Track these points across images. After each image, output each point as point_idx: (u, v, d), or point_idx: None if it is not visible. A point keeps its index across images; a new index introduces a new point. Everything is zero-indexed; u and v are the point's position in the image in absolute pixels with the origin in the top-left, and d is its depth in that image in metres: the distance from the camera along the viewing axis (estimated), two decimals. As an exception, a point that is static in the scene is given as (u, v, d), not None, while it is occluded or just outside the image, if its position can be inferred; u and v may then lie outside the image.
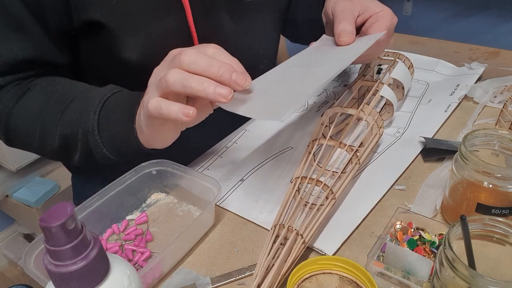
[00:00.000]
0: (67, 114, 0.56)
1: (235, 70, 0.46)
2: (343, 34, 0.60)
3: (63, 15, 0.57)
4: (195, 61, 0.44)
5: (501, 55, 0.91)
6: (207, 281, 0.49)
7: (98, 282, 0.31)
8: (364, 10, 0.63)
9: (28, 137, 0.59)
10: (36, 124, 0.58)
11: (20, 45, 0.57)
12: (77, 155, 0.58)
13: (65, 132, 0.56)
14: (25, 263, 0.46)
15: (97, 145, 0.55)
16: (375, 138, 0.61)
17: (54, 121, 0.56)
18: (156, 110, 0.45)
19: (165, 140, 0.53)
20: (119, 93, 0.56)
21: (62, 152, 0.59)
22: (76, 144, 0.57)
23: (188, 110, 0.44)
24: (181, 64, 0.45)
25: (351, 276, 0.43)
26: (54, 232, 0.28)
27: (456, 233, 0.38)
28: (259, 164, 0.66)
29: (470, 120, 0.71)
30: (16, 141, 0.62)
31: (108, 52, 0.61)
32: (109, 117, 0.54)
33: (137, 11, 0.59)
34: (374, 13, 0.63)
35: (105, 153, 0.55)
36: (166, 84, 0.44)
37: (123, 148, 0.55)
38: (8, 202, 1.64)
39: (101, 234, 0.56)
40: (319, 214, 0.50)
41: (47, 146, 0.58)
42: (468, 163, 0.47)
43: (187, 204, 0.59)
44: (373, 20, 0.62)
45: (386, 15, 0.62)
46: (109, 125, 0.54)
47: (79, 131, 0.55)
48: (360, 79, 0.72)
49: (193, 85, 0.44)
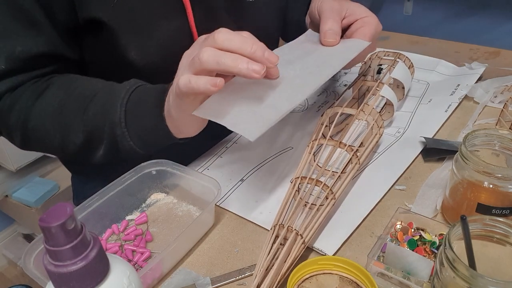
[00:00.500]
0: (91, 109, 0.56)
1: (267, 49, 0.47)
2: (329, 34, 0.60)
3: (69, 11, 0.57)
4: (229, 38, 0.46)
5: (502, 55, 0.91)
6: (207, 281, 0.48)
7: (98, 282, 0.31)
8: (350, 13, 0.63)
9: (48, 135, 0.58)
10: (57, 122, 0.57)
11: (33, 40, 0.57)
12: (102, 150, 0.58)
13: (89, 127, 0.56)
14: (24, 263, 0.46)
15: (124, 137, 0.55)
16: (375, 138, 0.61)
17: (77, 117, 0.56)
18: (186, 85, 0.46)
19: (194, 125, 0.53)
20: (142, 87, 0.56)
21: (85, 148, 0.58)
22: (101, 139, 0.56)
23: (216, 80, 0.45)
24: (215, 41, 0.46)
25: (351, 277, 0.43)
26: (53, 232, 0.28)
27: (456, 233, 0.38)
28: (259, 164, 0.66)
29: (470, 120, 0.71)
30: (33, 141, 0.61)
31: (110, 51, 0.61)
32: (136, 109, 0.54)
33: (138, 11, 0.59)
34: (360, 18, 0.62)
35: (131, 146, 0.56)
36: (200, 61, 0.45)
37: (151, 139, 0.56)
38: (8, 202, 1.64)
39: (100, 234, 0.56)
40: (319, 214, 0.50)
41: (69, 144, 0.58)
42: (468, 163, 0.47)
43: (187, 204, 0.59)
44: (359, 25, 0.62)
45: (371, 22, 0.62)
46: (137, 117, 0.55)
47: (105, 125, 0.55)
48: (360, 79, 0.72)
49: (227, 62, 0.45)
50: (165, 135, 0.54)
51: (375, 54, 0.77)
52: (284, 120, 0.76)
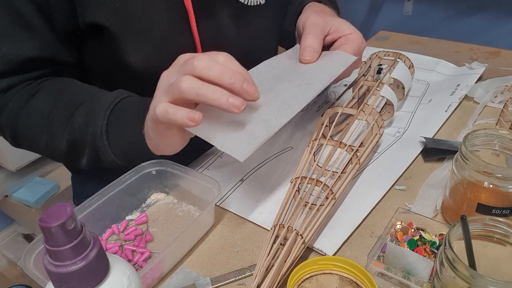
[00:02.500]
0: (76, 118, 0.56)
1: (246, 80, 0.46)
2: (307, 51, 0.59)
3: (70, 15, 0.57)
4: (208, 67, 0.44)
5: (502, 55, 0.91)
6: (207, 281, 0.48)
7: (98, 282, 0.31)
8: (334, 30, 0.62)
9: (35, 139, 0.59)
10: (44, 127, 0.57)
11: (29, 44, 0.57)
12: (85, 159, 0.58)
13: (73, 136, 0.56)
14: (24, 263, 0.45)
15: (105, 150, 0.55)
16: (375, 138, 0.61)
17: (62, 124, 0.56)
18: (163, 115, 0.45)
19: (172, 146, 0.52)
20: (128, 99, 0.56)
21: (69, 156, 0.59)
22: (84, 148, 0.57)
23: (194, 114, 0.44)
24: (194, 69, 0.45)
25: (351, 277, 0.43)
26: (53, 232, 0.28)
27: (456, 233, 0.38)
28: (259, 164, 0.66)
29: (470, 120, 0.71)
30: (23, 142, 0.62)
31: (111, 55, 0.61)
32: (118, 122, 0.54)
33: (140, 16, 0.59)
34: (344, 35, 0.62)
35: (113, 158, 0.56)
36: (179, 90, 0.44)
37: (131, 154, 0.55)
38: (8, 202, 1.64)
39: (100, 234, 0.56)
40: (319, 214, 0.50)
41: (55, 149, 0.58)
42: (468, 163, 0.47)
43: (187, 204, 0.59)
44: (342, 42, 0.62)
45: (355, 39, 0.62)
46: (118, 131, 0.54)
47: (87, 136, 0.55)
48: (360, 79, 0.72)
49: (207, 94, 0.44)
50: (145, 152, 0.54)
51: (375, 54, 0.77)
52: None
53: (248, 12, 0.69)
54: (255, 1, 0.68)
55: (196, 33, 0.62)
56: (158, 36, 0.60)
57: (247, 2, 0.67)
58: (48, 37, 0.58)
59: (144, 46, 0.60)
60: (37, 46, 0.58)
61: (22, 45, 0.57)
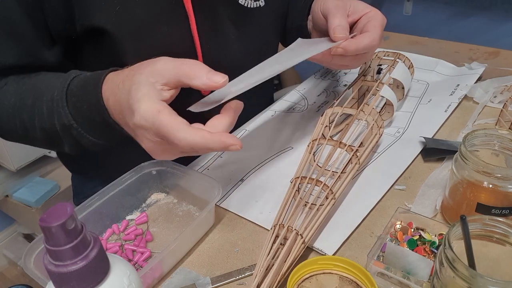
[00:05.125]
0: (38, 107, 0.55)
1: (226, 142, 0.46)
2: (339, 29, 0.60)
3: (66, 19, 0.57)
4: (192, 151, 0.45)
5: (501, 55, 0.91)
6: (207, 281, 0.49)
7: (98, 282, 0.31)
8: (353, 11, 0.63)
9: (11, 130, 0.59)
10: (15, 117, 0.57)
11: (11, 52, 0.57)
12: (66, 146, 0.57)
13: (43, 125, 0.56)
14: (25, 263, 0.46)
15: (82, 135, 0.54)
16: (375, 138, 0.61)
17: (30, 113, 0.56)
18: (147, 149, 0.47)
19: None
20: (76, 78, 0.54)
21: (49, 144, 0.59)
22: (59, 138, 0.56)
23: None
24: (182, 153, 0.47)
25: (351, 276, 0.43)
26: (54, 232, 0.28)
27: (456, 233, 0.38)
28: (259, 164, 0.66)
29: (470, 120, 0.71)
30: (4, 133, 0.62)
31: (111, 58, 0.60)
32: (77, 105, 0.53)
33: (141, 18, 0.58)
34: (364, 14, 0.63)
35: (93, 141, 0.54)
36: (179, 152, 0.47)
37: (105, 133, 0.54)
38: (8, 202, 1.64)
39: (101, 234, 0.56)
40: (319, 214, 0.50)
41: (32, 139, 0.59)
42: (468, 163, 0.47)
43: (187, 204, 0.59)
44: (365, 21, 0.62)
45: (376, 15, 0.62)
46: (82, 113, 0.53)
47: (56, 127, 0.54)
48: (360, 79, 0.72)
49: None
50: (118, 129, 0.51)
51: (375, 54, 0.77)
52: (284, 120, 0.76)
53: (248, 14, 0.69)
54: (255, 3, 0.68)
55: (196, 35, 0.62)
56: (158, 39, 0.60)
57: (247, 4, 0.67)
58: (33, 43, 0.58)
59: (144, 48, 0.60)
60: (19, 54, 0.57)
61: (3, 52, 0.57)
